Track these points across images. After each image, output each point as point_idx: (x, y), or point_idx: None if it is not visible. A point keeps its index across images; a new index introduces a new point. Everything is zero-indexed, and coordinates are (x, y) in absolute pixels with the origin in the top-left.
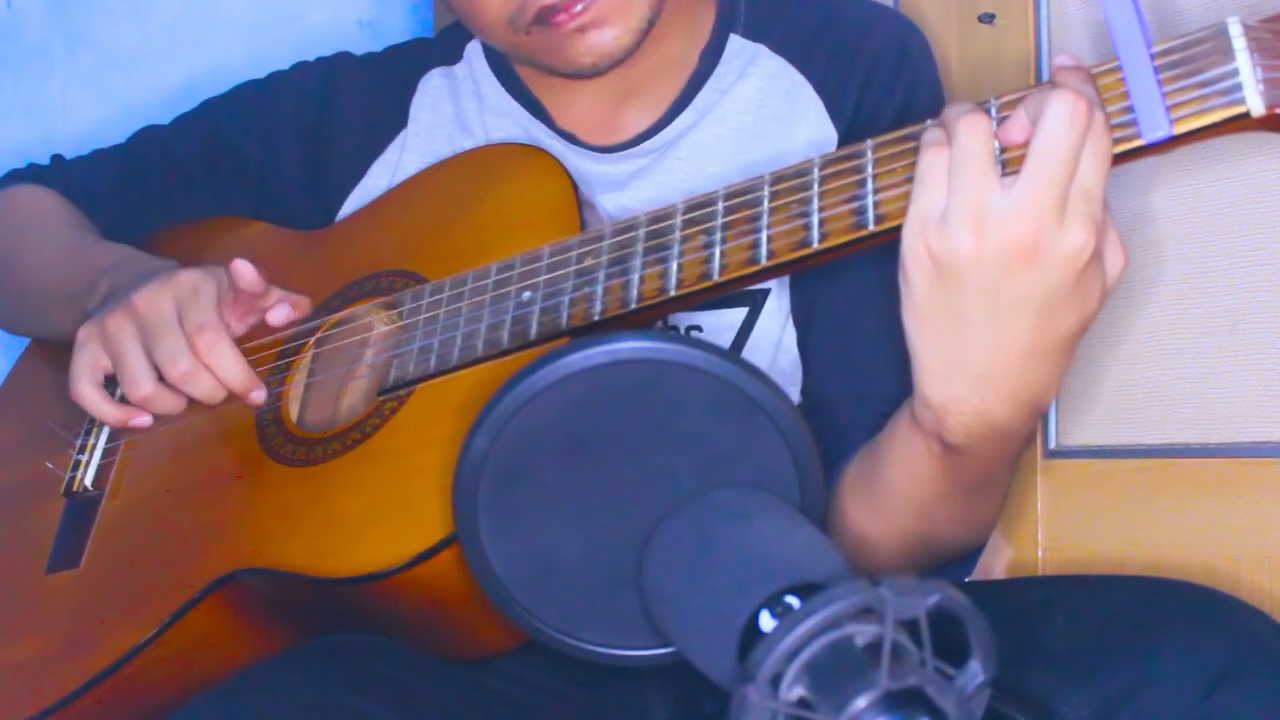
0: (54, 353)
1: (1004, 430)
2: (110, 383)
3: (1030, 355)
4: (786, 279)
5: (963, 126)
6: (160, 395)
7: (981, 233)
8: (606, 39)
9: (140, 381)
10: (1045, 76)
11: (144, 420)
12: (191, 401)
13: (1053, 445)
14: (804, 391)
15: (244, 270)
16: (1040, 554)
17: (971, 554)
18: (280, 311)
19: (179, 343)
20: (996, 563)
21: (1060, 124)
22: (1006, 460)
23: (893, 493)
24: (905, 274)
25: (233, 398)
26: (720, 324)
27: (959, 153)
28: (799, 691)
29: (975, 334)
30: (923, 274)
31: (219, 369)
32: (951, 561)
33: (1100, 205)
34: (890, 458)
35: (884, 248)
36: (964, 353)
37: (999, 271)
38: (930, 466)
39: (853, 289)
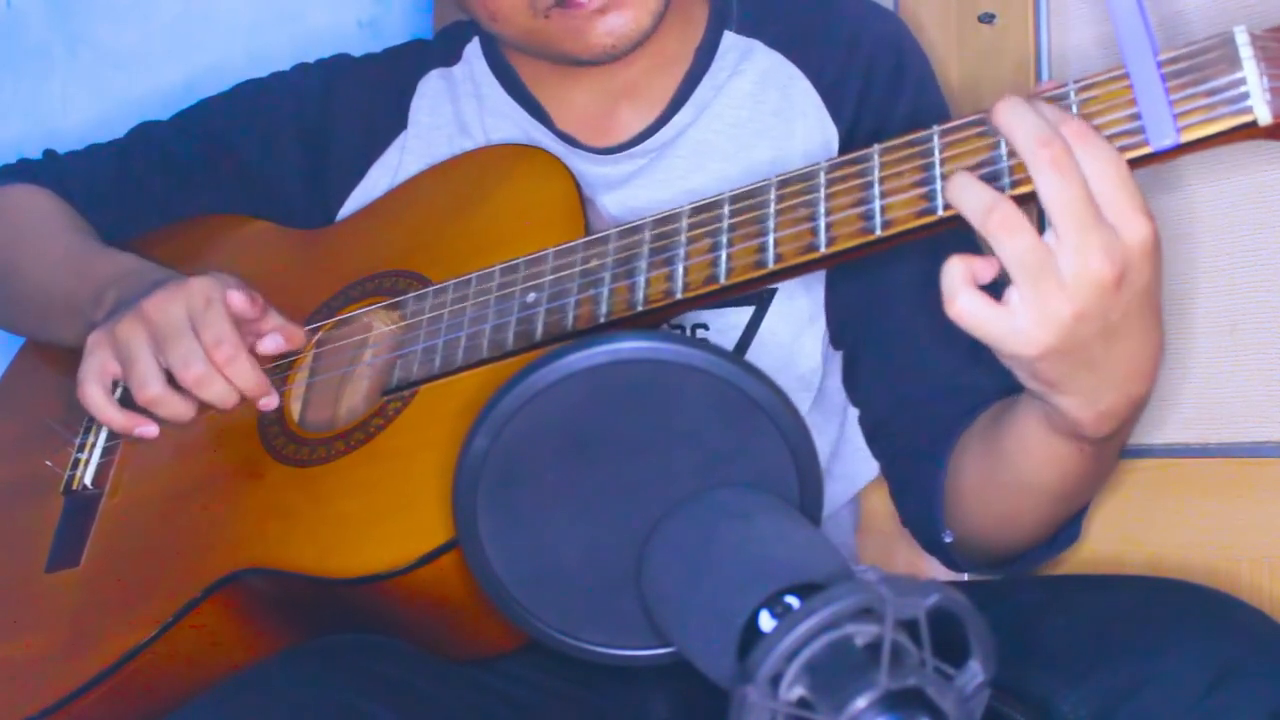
0: (52, 349)
1: (1145, 399)
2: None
3: (1153, 333)
4: (816, 288)
5: (999, 228)
6: (169, 398)
7: (1076, 294)
8: (625, 21)
9: (149, 382)
10: (1045, 76)
11: (150, 430)
12: (201, 406)
13: None
14: (862, 403)
15: (237, 301)
16: None
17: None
18: (271, 341)
19: (193, 347)
20: None
21: (1045, 172)
22: (1142, 411)
23: (1037, 489)
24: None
25: (244, 402)
26: (727, 323)
27: (1010, 251)
28: (799, 691)
29: (1108, 359)
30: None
31: (237, 379)
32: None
33: (1136, 189)
34: (1031, 467)
35: (922, 248)
36: (1103, 378)
37: (1104, 309)
38: (1083, 463)
39: (902, 293)
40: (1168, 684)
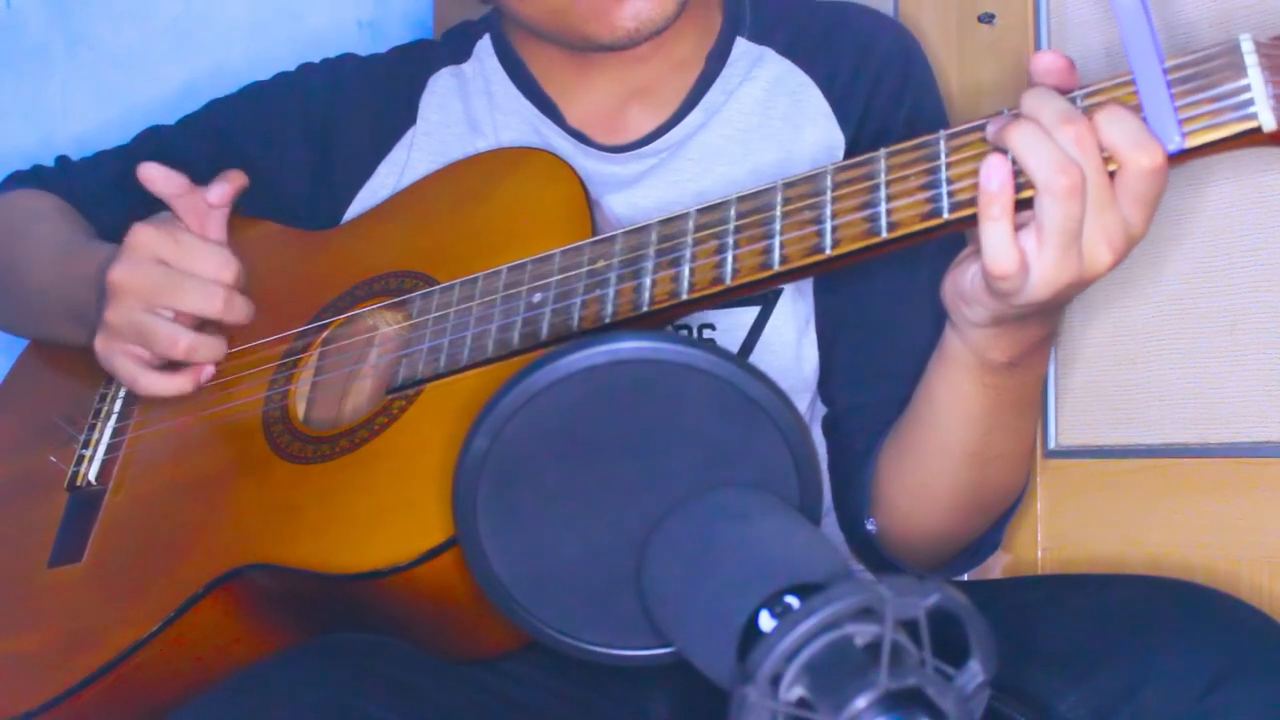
0: (56, 346)
1: (1050, 338)
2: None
3: None
4: (809, 290)
5: (1066, 192)
6: (201, 341)
7: (1086, 268)
8: (651, 6)
9: (177, 337)
10: None
11: (209, 369)
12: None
13: (1053, 445)
14: (828, 401)
15: (151, 172)
16: (1040, 554)
17: (1007, 512)
18: (217, 190)
19: (196, 283)
20: (996, 563)
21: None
22: (1045, 361)
23: (946, 448)
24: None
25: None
26: (734, 323)
27: (1064, 215)
28: (799, 691)
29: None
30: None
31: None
32: (997, 515)
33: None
34: (937, 414)
35: (904, 259)
36: (1040, 320)
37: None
38: (984, 400)
39: (880, 301)
40: (1167, 684)
